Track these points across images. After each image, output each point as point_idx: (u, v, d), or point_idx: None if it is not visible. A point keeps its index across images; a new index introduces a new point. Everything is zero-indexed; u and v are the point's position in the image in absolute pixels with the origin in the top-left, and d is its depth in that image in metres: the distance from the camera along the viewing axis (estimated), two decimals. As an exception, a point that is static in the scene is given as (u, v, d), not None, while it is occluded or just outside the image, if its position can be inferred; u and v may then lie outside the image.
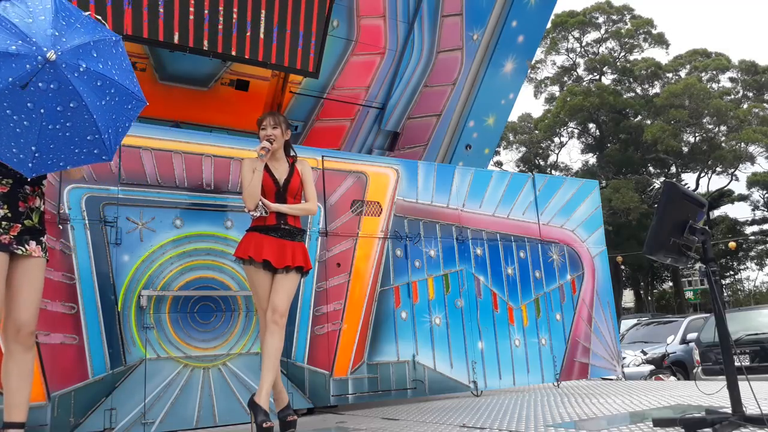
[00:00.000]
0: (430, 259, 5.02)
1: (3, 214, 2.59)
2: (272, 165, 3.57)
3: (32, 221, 2.70)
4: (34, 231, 2.70)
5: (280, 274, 3.43)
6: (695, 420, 2.73)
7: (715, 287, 2.84)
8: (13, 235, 2.60)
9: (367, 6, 5.89)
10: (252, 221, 3.52)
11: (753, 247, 35.87)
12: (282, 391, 3.53)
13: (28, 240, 2.66)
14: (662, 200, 2.98)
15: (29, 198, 2.70)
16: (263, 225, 3.48)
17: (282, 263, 3.42)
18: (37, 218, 2.73)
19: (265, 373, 3.28)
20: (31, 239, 2.68)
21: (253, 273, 3.43)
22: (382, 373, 4.57)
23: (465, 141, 7.02)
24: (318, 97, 5.96)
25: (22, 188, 2.67)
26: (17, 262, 2.63)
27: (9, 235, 2.59)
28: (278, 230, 3.48)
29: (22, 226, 2.65)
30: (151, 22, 4.49)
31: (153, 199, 3.96)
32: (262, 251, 3.39)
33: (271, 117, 3.61)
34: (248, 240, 3.47)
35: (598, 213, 6.18)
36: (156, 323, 3.80)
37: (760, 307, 11.32)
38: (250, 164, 3.50)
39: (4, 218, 2.59)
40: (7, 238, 2.58)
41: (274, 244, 3.45)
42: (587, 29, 35.69)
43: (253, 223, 3.52)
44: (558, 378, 5.42)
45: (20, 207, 2.64)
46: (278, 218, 3.50)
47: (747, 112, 31.66)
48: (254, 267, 3.41)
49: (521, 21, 6.80)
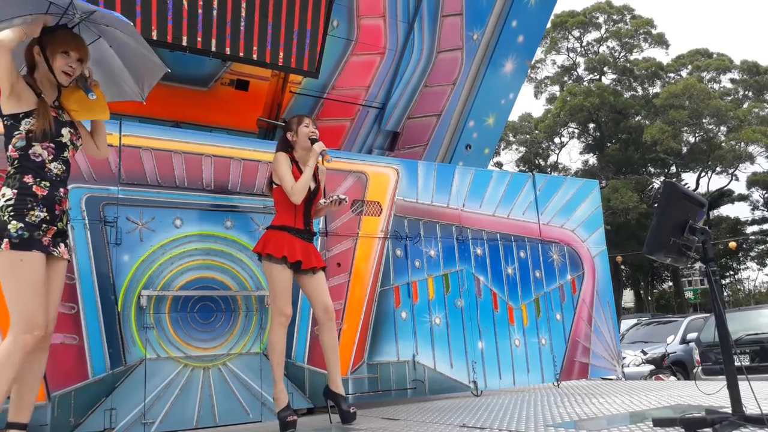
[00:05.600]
0: (430, 259, 5.02)
1: (43, 216, 2.64)
2: (303, 164, 3.73)
3: (62, 223, 2.76)
4: (63, 233, 2.77)
5: (309, 275, 3.67)
6: (695, 420, 2.73)
7: (715, 287, 2.84)
8: (49, 237, 2.66)
9: (367, 6, 5.88)
10: (276, 220, 3.68)
11: (753, 247, 35.86)
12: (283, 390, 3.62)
13: (59, 242, 2.72)
14: (662, 200, 2.97)
15: (62, 200, 2.75)
16: (292, 226, 3.65)
17: (309, 264, 3.63)
18: (65, 220, 2.80)
19: (334, 366, 3.65)
20: (61, 241, 2.74)
21: (280, 271, 3.56)
22: (382, 373, 4.57)
23: (465, 141, 7.02)
24: (318, 97, 5.96)
25: (57, 191, 2.72)
26: (49, 263, 2.68)
27: (47, 237, 2.65)
28: (306, 233, 3.71)
29: (56, 229, 2.70)
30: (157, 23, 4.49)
31: (153, 199, 3.95)
32: (295, 252, 3.57)
33: (309, 118, 3.84)
34: (280, 239, 3.60)
35: (599, 213, 6.18)
36: (156, 323, 3.80)
37: (760, 307, 11.32)
38: (286, 160, 3.68)
39: (44, 221, 2.64)
40: (46, 240, 2.64)
41: (302, 245, 3.64)
42: (587, 29, 35.69)
43: (279, 222, 3.67)
44: (558, 378, 5.41)
45: (56, 210, 2.70)
46: (305, 222, 3.71)
47: (747, 112, 31.66)
48: (282, 265, 3.55)
49: (521, 21, 6.80)
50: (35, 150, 2.68)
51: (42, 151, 2.69)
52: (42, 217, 2.63)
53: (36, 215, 2.61)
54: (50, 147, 2.72)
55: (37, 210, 2.62)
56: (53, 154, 2.72)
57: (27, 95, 2.71)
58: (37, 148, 2.68)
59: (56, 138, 2.73)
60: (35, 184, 2.65)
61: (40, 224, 2.62)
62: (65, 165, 2.78)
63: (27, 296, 2.54)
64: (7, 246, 2.53)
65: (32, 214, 2.60)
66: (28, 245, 2.56)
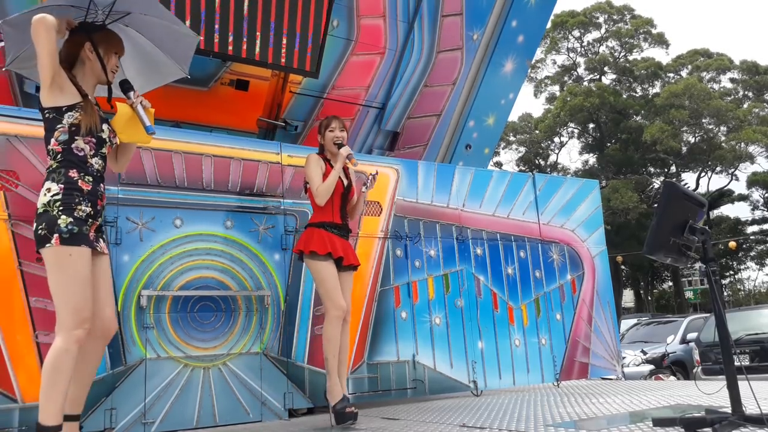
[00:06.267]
0: (430, 259, 5.02)
1: (88, 211, 2.64)
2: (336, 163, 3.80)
3: (101, 219, 2.77)
4: (101, 229, 2.77)
5: (343, 273, 3.75)
6: (695, 420, 2.73)
7: (715, 287, 2.84)
8: (93, 232, 2.67)
9: (367, 6, 5.88)
10: (315, 217, 3.75)
11: (753, 246, 35.86)
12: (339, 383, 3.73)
13: (98, 237, 2.72)
14: (662, 200, 2.97)
15: (102, 196, 2.76)
16: (331, 221, 3.72)
17: (348, 262, 3.73)
18: (102, 216, 2.80)
19: (342, 366, 3.69)
20: (100, 237, 2.75)
21: (326, 266, 3.64)
22: (382, 372, 4.56)
23: (465, 141, 7.02)
24: (318, 97, 5.95)
25: (99, 186, 2.72)
26: (94, 259, 2.69)
27: (92, 232, 2.66)
28: (343, 229, 3.80)
29: (98, 224, 2.71)
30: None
31: (153, 199, 3.96)
32: (336, 249, 3.66)
33: (337, 121, 3.92)
34: (321, 235, 3.67)
35: (599, 213, 6.18)
36: (156, 323, 3.80)
37: (760, 307, 11.33)
38: (316, 162, 3.78)
39: (89, 216, 2.64)
40: (92, 235, 2.65)
41: (341, 242, 3.73)
42: (588, 29, 35.69)
43: (317, 219, 3.73)
44: (558, 378, 5.41)
45: (98, 205, 2.71)
46: (342, 217, 3.79)
47: (747, 112, 31.66)
48: (329, 261, 3.64)
49: (521, 21, 6.79)
50: (78, 144, 2.66)
51: (84, 146, 2.68)
52: (87, 212, 2.63)
53: (83, 210, 2.61)
54: (92, 142, 2.71)
55: (83, 205, 2.62)
56: (94, 149, 2.72)
57: (69, 88, 2.69)
58: (80, 142, 2.67)
59: (98, 133, 2.73)
60: (80, 179, 2.64)
61: (86, 219, 2.62)
62: (103, 161, 2.79)
63: (76, 290, 2.53)
64: (57, 241, 2.52)
65: (80, 208, 2.60)
66: (77, 240, 2.56)
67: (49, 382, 2.46)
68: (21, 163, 3.57)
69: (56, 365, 2.47)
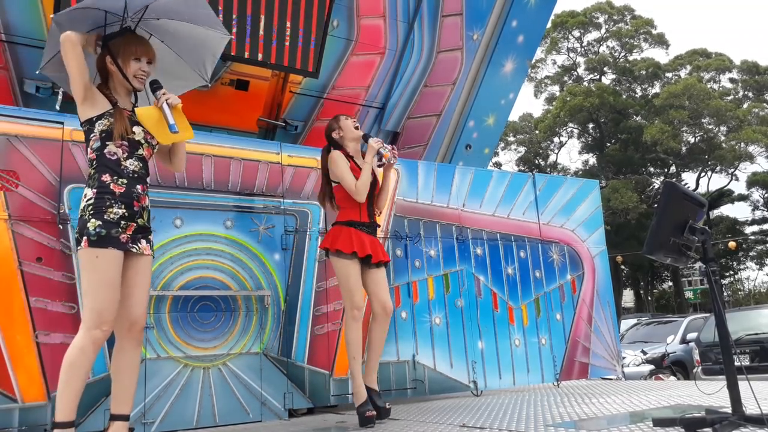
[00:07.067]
0: (430, 259, 5.02)
1: (122, 213, 2.68)
2: (359, 162, 3.79)
3: (143, 220, 2.79)
4: (145, 229, 2.80)
5: (375, 269, 3.71)
6: (695, 420, 2.73)
7: (715, 287, 2.84)
8: (129, 234, 2.70)
9: (367, 6, 5.88)
10: (342, 215, 3.72)
11: (753, 247, 35.87)
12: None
13: (139, 239, 2.76)
14: (662, 200, 2.97)
15: (141, 197, 2.79)
16: (359, 221, 3.69)
17: (377, 258, 3.69)
18: (146, 217, 2.83)
19: (374, 361, 3.72)
20: (142, 237, 2.77)
21: (350, 266, 3.61)
22: (382, 372, 4.56)
23: (465, 141, 7.01)
24: (318, 97, 5.95)
25: (135, 187, 2.75)
26: (130, 260, 2.74)
27: (126, 234, 2.69)
28: (371, 226, 3.76)
29: (136, 225, 2.74)
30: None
31: (153, 199, 3.91)
32: (365, 246, 3.62)
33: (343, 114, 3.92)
34: (348, 234, 3.64)
35: (599, 213, 6.18)
36: (156, 323, 3.80)
37: (760, 307, 11.33)
38: (342, 159, 3.72)
39: (123, 217, 2.69)
40: (124, 237, 2.68)
41: (369, 239, 3.70)
42: (588, 29, 35.70)
43: (344, 217, 3.71)
44: (558, 378, 5.41)
45: (135, 206, 2.74)
46: (370, 215, 3.76)
47: (747, 112, 31.67)
48: (353, 260, 3.61)
49: (521, 21, 6.79)
50: (110, 149, 2.73)
51: (116, 150, 2.74)
52: (121, 214, 2.68)
53: (114, 212, 2.66)
54: (124, 145, 2.76)
55: (115, 207, 2.67)
56: (127, 151, 2.77)
57: (101, 100, 2.78)
58: (111, 147, 2.73)
59: (129, 136, 2.77)
60: (113, 182, 2.70)
61: (119, 221, 2.67)
62: (141, 162, 2.82)
63: (100, 292, 2.60)
64: (86, 244, 2.61)
65: (111, 211, 2.65)
66: (105, 243, 2.62)
67: (63, 378, 2.57)
68: (21, 163, 3.57)
69: (70, 362, 2.57)
